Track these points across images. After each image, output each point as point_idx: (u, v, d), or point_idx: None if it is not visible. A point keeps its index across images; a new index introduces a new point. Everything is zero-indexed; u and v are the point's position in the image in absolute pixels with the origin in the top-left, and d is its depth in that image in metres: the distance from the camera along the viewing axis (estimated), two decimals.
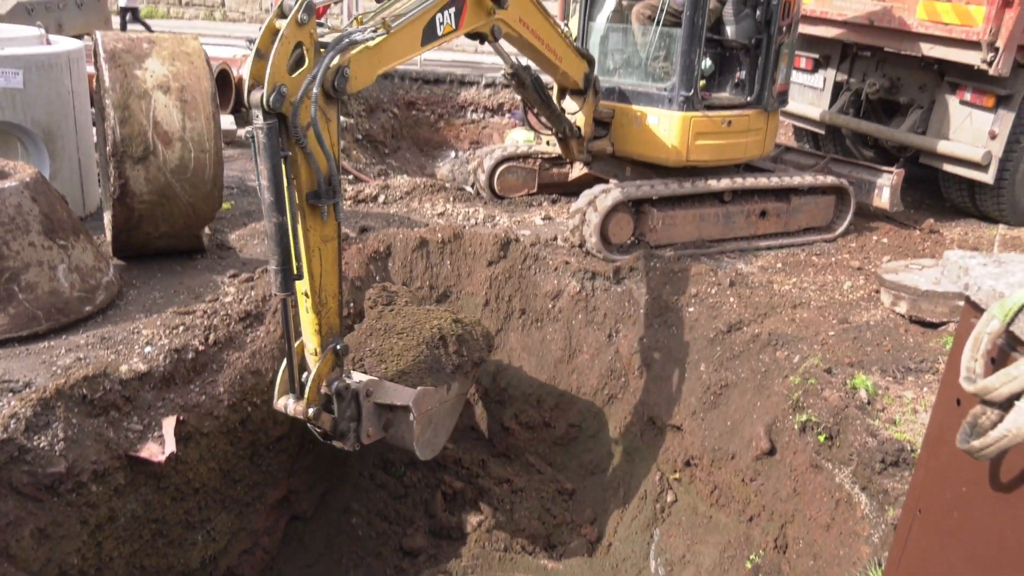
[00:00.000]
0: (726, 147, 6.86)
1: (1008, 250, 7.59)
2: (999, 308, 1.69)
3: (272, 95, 3.39)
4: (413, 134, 13.63)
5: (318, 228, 3.80)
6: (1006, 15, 6.92)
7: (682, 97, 6.50)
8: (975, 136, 7.73)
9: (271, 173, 3.49)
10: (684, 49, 6.42)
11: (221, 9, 19.28)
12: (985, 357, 1.72)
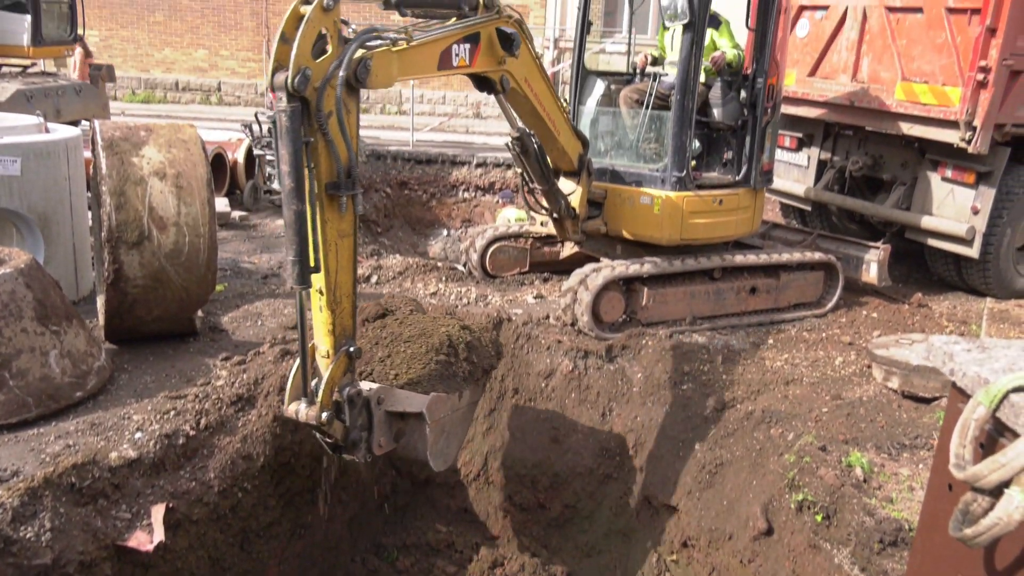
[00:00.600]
0: (717, 225, 6.98)
1: (996, 323, 7.65)
2: (984, 395, 1.71)
3: (297, 77, 3.37)
4: (405, 213, 13.80)
5: (335, 221, 3.72)
6: (981, 96, 7.13)
7: (675, 178, 6.64)
8: (958, 212, 7.87)
9: (292, 158, 3.44)
10: (675, 131, 6.59)
11: (217, 93, 19.69)
12: (974, 443, 1.73)
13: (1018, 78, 7.24)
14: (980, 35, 7.01)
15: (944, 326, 7.53)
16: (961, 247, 7.92)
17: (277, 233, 8.93)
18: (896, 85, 7.83)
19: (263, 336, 5.96)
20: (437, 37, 4.53)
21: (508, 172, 13.82)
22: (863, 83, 8.23)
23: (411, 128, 14.63)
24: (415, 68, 4.39)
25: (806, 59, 8.71)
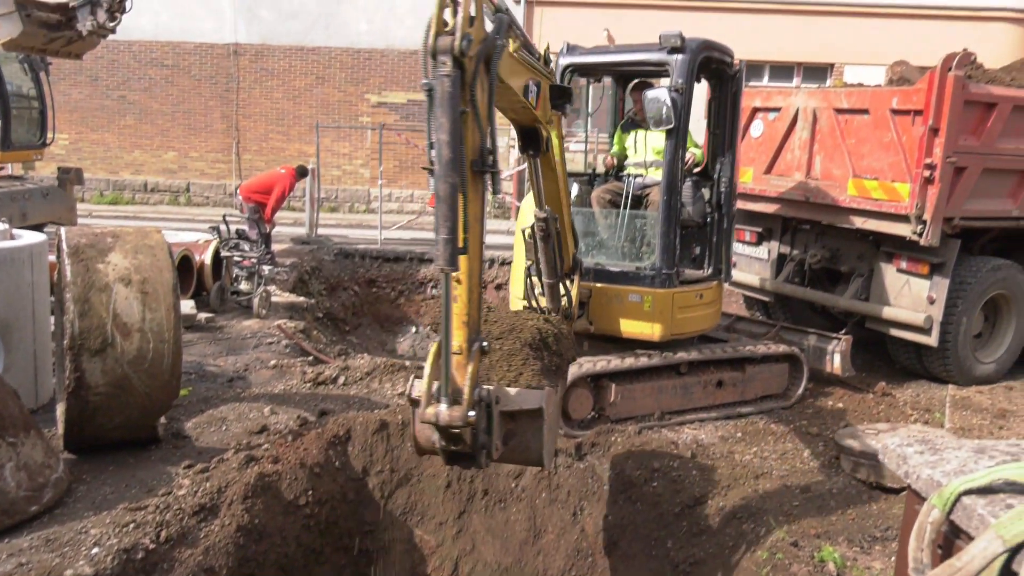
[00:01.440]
0: (697, 319, 7.14)
1: (959, 410, 7.75)
2: (938, 498, 1.74)
3: (463, 41, 3.28)
4: (374, 311, 13.81)
5: (476, 201, 3.51)
6: (929, 191, 7.41)
7: (664, 275, 6.79)
8: (915, 301, 8.07)
9: (452, 127, 3.26)
10: (663, 230, 6.76)
11: (186, 194, 19.83)
12: (931, 547, 1.75)
13: (962, 174, 7.56)
14: (924, 135, 7.34)
15: (909, 415, 7.61)
16: (920, 336, 8.08)
17: (243, 335, 8.88)
18: (848, 182, 8.12)
19: (227, 442, 5.87)
20: (530, 66, 4.54)
21: None
22: (817, 180, 8.52)
23: (379, 226, 14.79)
24: (514, 77, 4.30)
25: (762, 158, 9.02)
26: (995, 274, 8.30)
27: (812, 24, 17.98)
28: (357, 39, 18.97)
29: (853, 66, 17.99)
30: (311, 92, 19.29)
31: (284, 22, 19.05)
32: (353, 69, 19.11)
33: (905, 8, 17.97)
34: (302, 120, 19.12)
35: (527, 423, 3.84)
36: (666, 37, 6.63)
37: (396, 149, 18.12)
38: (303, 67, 19.21)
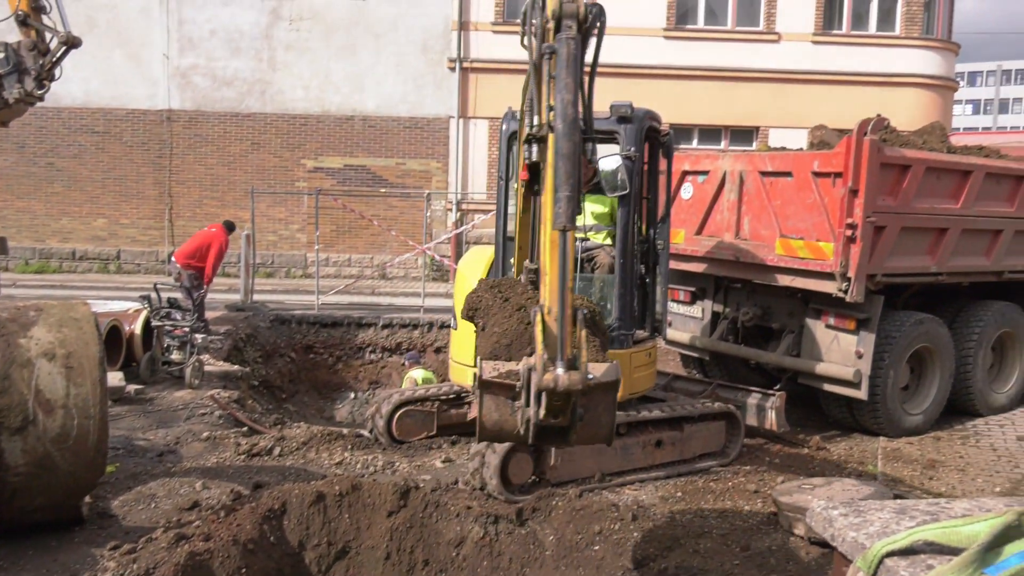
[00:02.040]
0: (645, 378, 7.24)
1: (891, 462, 7.92)
2: (863, 560, 1.77)
3: (589, 8, 3.42)
4: (311, 377, 13.62)
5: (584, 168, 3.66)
6: (852, 249, 7.69)
7: (623, 335, 6.87)
8: (844, 356, 8.29)
9: (575, 86, 3.38)
10: (621, 292, 6.86)
11: (116, 262, 19.41)
12: None
13: (882, 232, 7.87)
14: (844, 196, 7.64)
15: (843, 468, 7.75)
16: (850, 390, 8.28)
17: (175, 406, 8.65)
18: (775, 241, 8.37)
19: (156, 520, 5.66)
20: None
21: (415, 332, 13.90)
22: (746, 240, 8.77)
23: (316, 291, 14.66)
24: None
25: (692, 219, 9.26)
26: (918, 328, 8.59)
27: (738, 89, 18.69)
28: (293, 105, 19.05)
29: (777, 129, 18.72)
30: (246, 158, 19.23)
31: (218, 89, 19.04)
32: (289, 135, 19.14)
33: (824, 74, 18.82)
34: (237, 186, 19.00)
35: (602, 397, 3.72)
36: (616, 107, 6.84)
37: (333, 214, 18.10)
38: (238, 133, 19.17)
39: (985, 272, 9.08)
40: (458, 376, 7.60)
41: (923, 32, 19.38)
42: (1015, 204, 8.96)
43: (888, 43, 19.17)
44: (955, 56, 20.66)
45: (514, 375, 3.65)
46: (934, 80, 19.61)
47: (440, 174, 19.24)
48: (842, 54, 18.89)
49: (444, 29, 18.92)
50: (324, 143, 19.17)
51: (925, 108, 18.87)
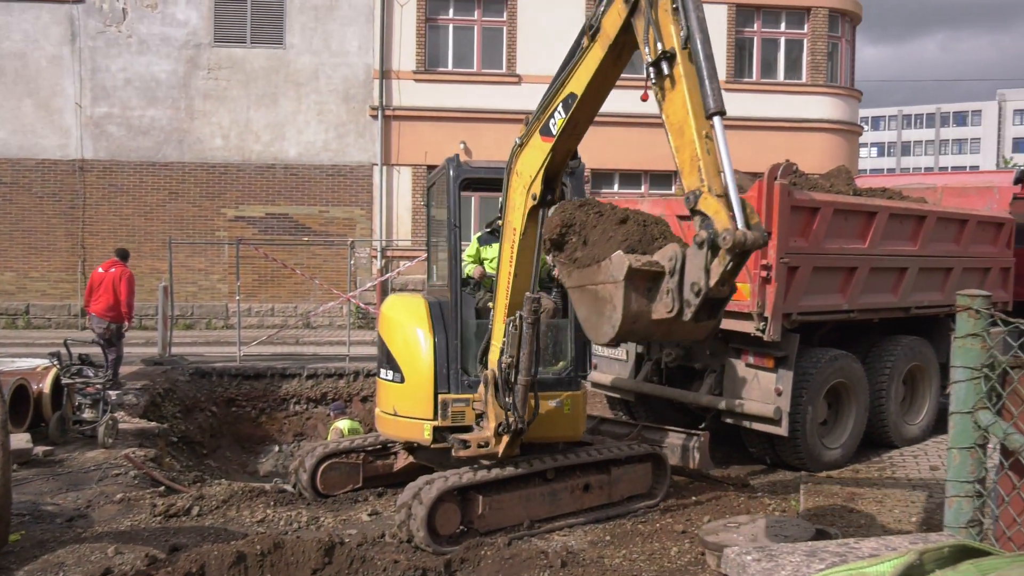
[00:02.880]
0: (583, 418, 7.49)
1: (812, 497, 8.07)
2: None
3: None
4: (234, 431, 13.25)
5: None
6: (767, 290, 7.91)
7: (580, 376, 7.14)
8: (764, 394, 8.47)
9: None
10: (576, 335, 7.08)
11: (25, 316, 18.65)
12: None
13: (796, 273, 8.12)
14: None
15: (767, 504, 7.87)
16: (771, 427, 8.45)
17: (86, 467, 8.28)
18: None
19: None
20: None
21: (340, 382, 13.69)
22: None
23: (238, 342, 14.33)
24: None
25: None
26: (834, 364, 8.85)
27: (657, 135, 18.95)
28: (212, 154, 18.79)
29: None
30: (164, 207, 18.83)
31: (134, 138, 18.66)
32: (208, 184, 18.84)
33: (737, 120, 19.46)
34: (154, 236, 18.55)
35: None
36: None
37: (255, 263, 17.80)
38: (155, 182, 18.78)
39: (893, 308, 9.44)
40: (386, 427, 7.50)
41: (828, 80, 20.31)
42: (918, 243, 9.38)
43: (796, 90, 20.02)
44: (858, 102, 21.70)
45: (656, 264, 4.45)
46: (840, 125, 20.52)
47: (364, 221, 19.17)
48: (753, 101, 19.63)
49: (366, 78, 19.00)
50: (245, 192, 18.92)
51: (832, 151, 19.71)
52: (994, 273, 10.67)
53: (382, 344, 7.56)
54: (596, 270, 4.77)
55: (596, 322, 4.79)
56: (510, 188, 6.30)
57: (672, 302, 4.33)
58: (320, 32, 18.90)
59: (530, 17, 19.28)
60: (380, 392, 7.65)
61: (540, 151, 5.92)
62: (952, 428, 2.17)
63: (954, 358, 2.15)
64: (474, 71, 19.46)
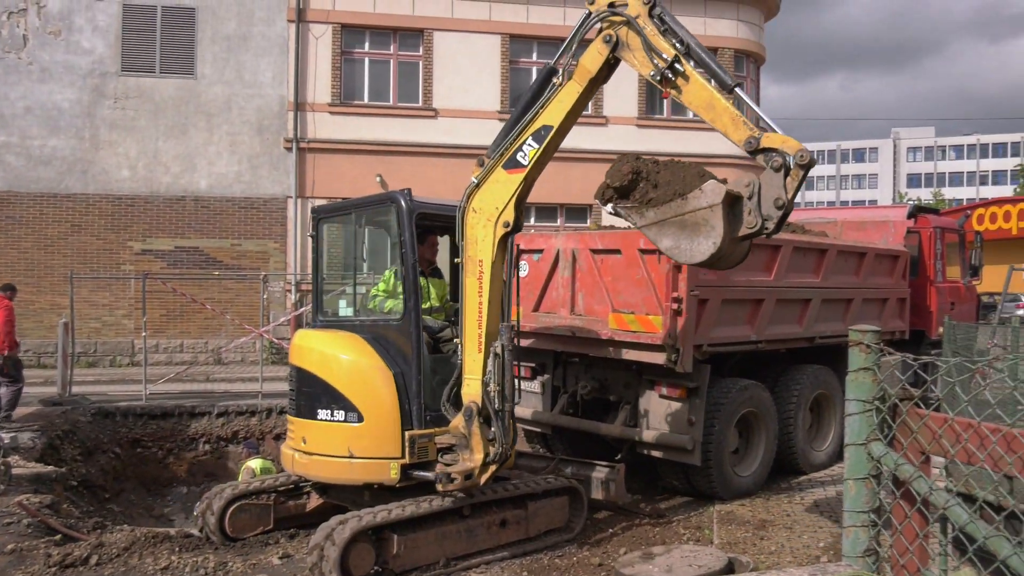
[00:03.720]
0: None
1: (725, 525, 8.21)
2: None
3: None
4: (139, 473, 12.71)
5: None
6: (679, 322, 8.07)
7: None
8: (677, 425, 8.60)
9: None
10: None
11: None
12: None
13: (705, 305, 8.31)
14: (669, 271, 8.05)
15: (681, 534, 7.97)
16: (685, 457, 8.57)
17: None
18: (608, 316, 8.67)
19: None
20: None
21: (252, 419, 13.32)
22: (581, 315, 9.04)
23: (144, 380, 13.81)
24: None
25: (529, 296, 9.45)
26: (743, 393, 9.06)
27: (572, 169, 19.48)
28: (118, 186, 18.22)
29: None
30: (66, 240, 18.12)
31: (34, 168, 17.96)
32: (114, 216, 18.23)
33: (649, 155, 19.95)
34: (55, 270, 17.82)
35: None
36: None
37: (163, 297, 17.24)
38: (56, 214, 18.08)
39: (799, 338, 9.75)
40: (319, 469, 7.11)
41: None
42: (820, 275, 9.74)
43: (705, 126, 20.55)
44: None
45: (739, 189, 5.51)
46: (748, 161, 21.22)
47: (278, 255, 18.83)
48: (664, 136, 20.20)
49: (280, 109, 18.79)
50: (153, 224, 18.38)
51: None
52: (891, 303, 11.15)
53: (317, 383, 7.08)
54: (682, 202, 5.78)
55: (690, 245, 5.75)
56: (467, 226, 6.63)
57: (755, 219, 5.45)
58: (233, 63, 18.62)
59: (446, 52, 19.44)
60: (312, 433, 7.08)
61: (507, 184, 6.50)
62: (847, 459, 2.24)
63: (848, 391, 2.22)
64: (390, 104, 19.46)
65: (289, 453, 7.36)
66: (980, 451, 1.96)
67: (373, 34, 19.43)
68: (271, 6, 18.78)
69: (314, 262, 8.17)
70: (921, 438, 2.11)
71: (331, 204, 9.35)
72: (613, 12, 5.98)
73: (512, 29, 19.81)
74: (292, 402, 7.41)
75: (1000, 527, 1.93)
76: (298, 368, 7.32)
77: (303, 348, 7.41)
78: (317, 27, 18.86)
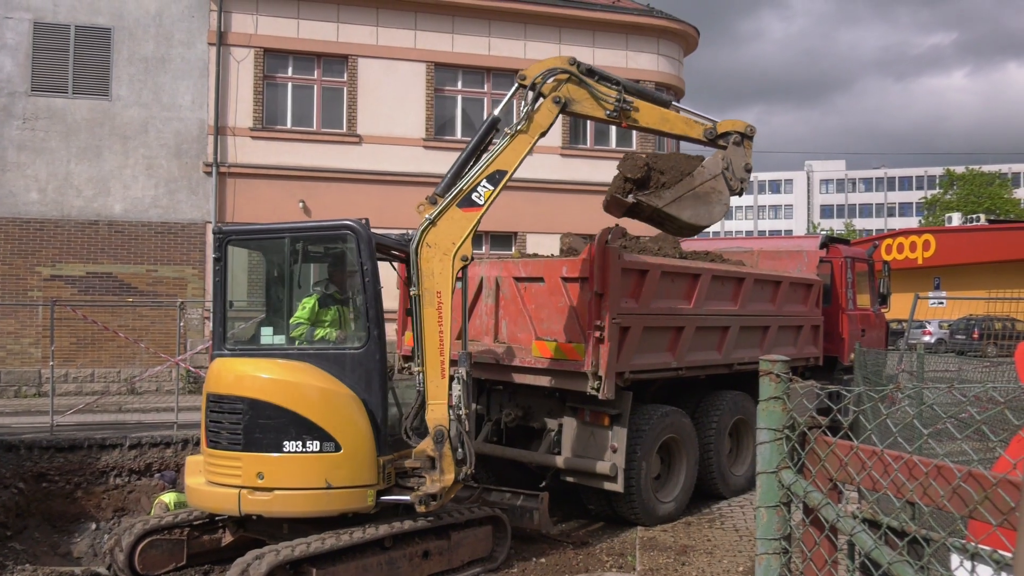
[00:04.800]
0: None
1: (647, 551, 8.28)
2: None
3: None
4: (44, 509, 12.12)
5: None
6: (601, 349, 8.15)
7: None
8: (600, 451, 8.66)
9: None
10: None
11: None
12: None
13: (627, 332, 8.43)
14: (591, 299, 8.14)
15: (604, 561, 8.00)
16: (608, 483, 8.63)
17: None
18: (532, 343, 8.71)
19: None
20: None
21: (167, 451, 12.88)
22: (505, 343, 9.05)
23: (51, 411, 13.22)
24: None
25: (453, 324, 9.40)
26: (665, 420, 9.20)
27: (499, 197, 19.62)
28: (26, 209, 17.51)
29: (533, 234, 19.79)
30: None
31: None
32: (21, 240, 17.50)
33: (572, 184, 20.28)
34: None
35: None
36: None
37: (73, 325, 16.59)
38: None
39: (718, 365, 9.96)
40: (241, 503, 6.76)
41: (656, 149, 21.50)
42: (738, 303, 9.99)
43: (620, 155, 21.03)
44: None
45: (722, 159, 7.47)
46: None
47: (196, 281, 18.35)
48: (587, 166, 20.51)
49: (199, 133, 18.41)
50: (63, 249, 17.71)
51: None
52: (806, 331, 11.50)
53: (281, 413, 6.75)
54: (690, 179, 7.54)
55: (707, 210, 7.65)
56: (422, 259, 7.01)
57: (736, 183, 7.45)
58: (150, 84, 18.19)
59: (371, 78, 19.39)
60: (274, 467, 6.71)
61: (462, 221, 7.07)
62: (759, 487, 2.28)
63: (758, 420, 2.27)
64: (314, 130, 19.27)
65: (224, 491, 6.77)
66: (884, 478, 2.02)
67: (296, 59, 19.26)
68: (191, 28, 18.45)
69: (219, 285, 7.47)
70: (828, 466, 2.17)
71: (244, 226, 9.00)
72: (552, 76, 7.17)
73: (437, 57, 19.90)
74: (228, 435, 6.82)
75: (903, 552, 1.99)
76: (248, 399, 6.81)
77: (254, 377, 6.95)
78: (239, 51, 18.60)
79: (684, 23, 22.10)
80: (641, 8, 22.01)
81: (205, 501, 6.99)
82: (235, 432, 6.80)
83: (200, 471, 7.09)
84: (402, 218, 18.63)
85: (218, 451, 6.89)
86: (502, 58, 20.37)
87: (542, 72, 7.22)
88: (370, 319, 7.04)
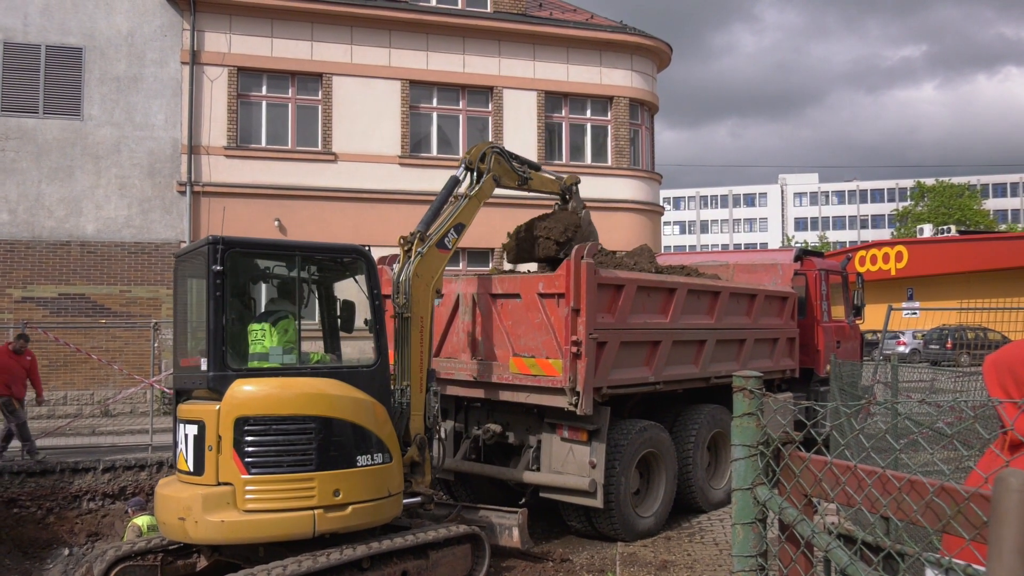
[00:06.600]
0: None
1: (628, 567, 8.27)
2: None
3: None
4: (15, 535, 11.90)
5: None
6: (578, 365, 8.15)
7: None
8: (579, 467, 8.64)
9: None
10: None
11: None
12: None
13: (604, 348, 8.43)
14: (568, 315, 8.15)
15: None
16: (587, 499, 8.61)
17: None
18: (509, 360, 8.70)
19: None
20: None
21: (142, 474, 12.69)
22: (482, 359, 9.03)
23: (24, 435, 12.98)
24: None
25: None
26: (643, 434, 9.20)
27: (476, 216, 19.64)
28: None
29: None
30: None
31: None
32: None
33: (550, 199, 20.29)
34: None
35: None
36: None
37: (45, 347, 16.33)
38: None
39: (695, 379, 9.99)
40: (316, 523, 6.58)
41: (631, 164, 21.65)
42: (714, 316, 10.03)
43: (601, 172, 21.16)
44: (659, 184, 23.23)
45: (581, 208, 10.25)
46: (643, 205, 21.84)
47: (170, 301, 18.14)
48: None
49: (173, 152, 18.28)
50: (35, 271, 17.48)
51: (637, 230, 20.91)
52: (782, 343, 11.57)
53: (351, 429, 6.83)
54: (581, 232, 9.91)
55: (595, 242, 9.50)
56: (413, 288, 7.90)
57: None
58: (123, 104, 18.06)
59: (346, 96, 19.37)
60: (350, 482, 6.73)
61: (439, 259, 8.22)
62: (735, 504, 2.28)
63: (733, 436, 2.27)
64: (288, 148, 19.20)
65: (291, 516, 6.48)
66: (858, 493, 2.03)
67: (271, 77, 19.20)
68: (163, 48, 18.35)
69: (218, 301, 6.73)
70: (803, 481, 2.17)
71: (253, 239, 8.73)
72: (482, 157, 9.04)
73: (412, 75, 19.92)
74: (294, 457, 6.55)
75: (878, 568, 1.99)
76: (320, 417, 6.69)
77: (321, 395, 6.78)
78: (212, 69, 18.52)
79: (657, 39, 22.28)
80: (614, 25, 22.17)
81: (260, 531, 6.44)
82: (306, 453, 6.60)
83: (225, 505, 6.41)
84: (378, 235, 18.63)
85: (276, 475, 6.50)
86: (477, 75, 20.44)
87: (479, 154, 9.05)
88: (380, 337, 7.52)
